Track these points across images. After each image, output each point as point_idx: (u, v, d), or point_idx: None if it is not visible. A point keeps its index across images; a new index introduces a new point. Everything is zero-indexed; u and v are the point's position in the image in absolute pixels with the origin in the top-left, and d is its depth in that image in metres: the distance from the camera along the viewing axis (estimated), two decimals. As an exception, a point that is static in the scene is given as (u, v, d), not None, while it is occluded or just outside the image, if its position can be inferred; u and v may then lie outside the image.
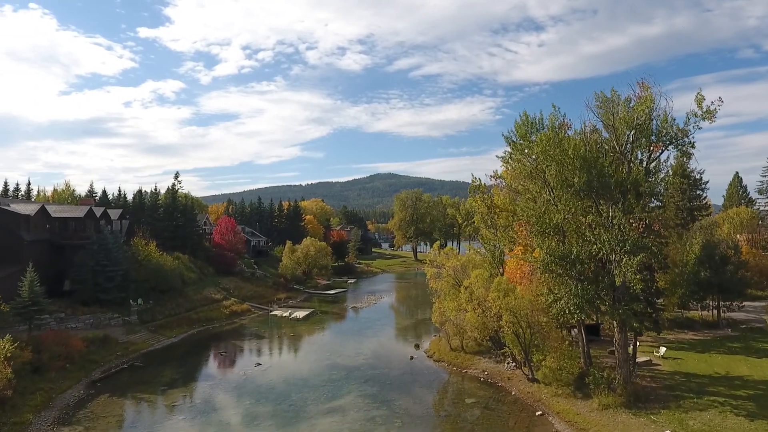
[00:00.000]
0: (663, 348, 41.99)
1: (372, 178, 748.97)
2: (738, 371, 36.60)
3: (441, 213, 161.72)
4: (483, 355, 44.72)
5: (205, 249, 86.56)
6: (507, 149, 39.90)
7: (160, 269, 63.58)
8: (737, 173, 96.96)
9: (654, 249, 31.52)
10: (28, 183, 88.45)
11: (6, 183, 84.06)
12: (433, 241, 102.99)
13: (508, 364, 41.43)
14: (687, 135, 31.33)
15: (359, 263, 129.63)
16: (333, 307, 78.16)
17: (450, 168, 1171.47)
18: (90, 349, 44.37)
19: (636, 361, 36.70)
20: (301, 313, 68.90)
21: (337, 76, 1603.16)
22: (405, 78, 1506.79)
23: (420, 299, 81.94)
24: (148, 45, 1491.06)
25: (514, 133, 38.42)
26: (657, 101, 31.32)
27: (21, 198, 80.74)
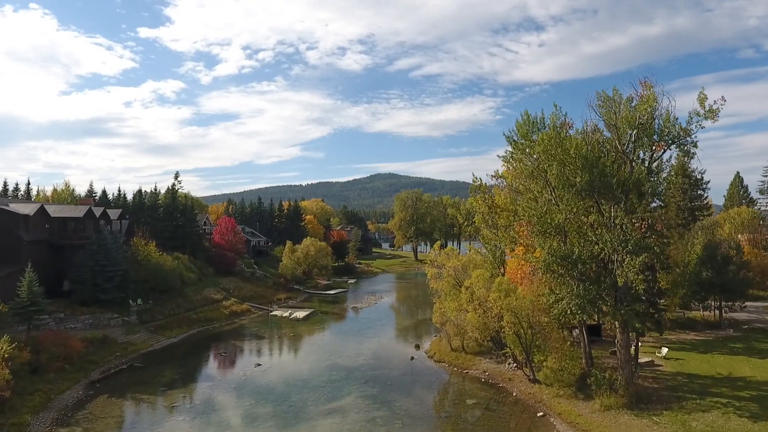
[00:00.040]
0: (665, 348, 41.76)
1: (372, 178, 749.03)
2: (740, 372, 36.38)
3: (441, 213, 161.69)
4: (484, 356, 44.54)
5: (205, 249, 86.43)
6: (508, 149, 39.74)
7: (159, 269, 63.42)
8: (738, 173, 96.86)
9: (656, 249, 31.39)
10: (27, 183, 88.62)
11: (5, 183, 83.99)
12: (434, 241, 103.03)
13: (509, 364, 41.25)
14: (690, 134, 31.15)
15: (359, 263, 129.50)
16: (333, 308, 77.99)
17: (450, 168, 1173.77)
18: (89, 350, 44.19)
19: (638, 362, 36.52)
20: (301, 314, 68.73)
21: (338, 76, 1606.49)
22: (405, 78, 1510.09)
23: (420, 299, 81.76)
24: (148, 45, 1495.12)
25: (515, 133, 38.24)
26: (659, 100, 31.14)
27: (21, 198, 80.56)
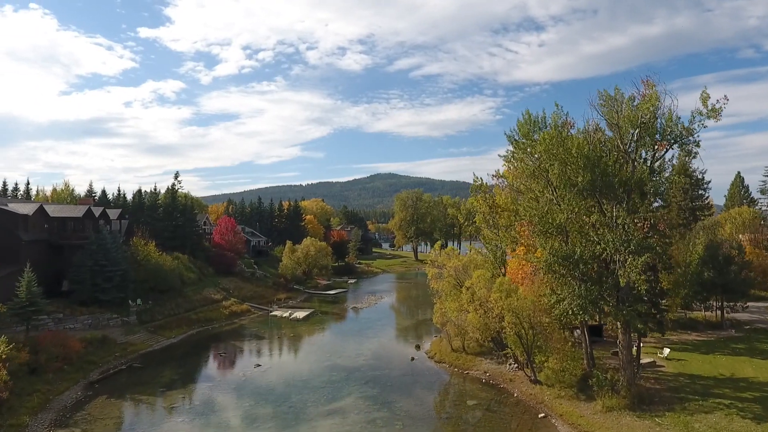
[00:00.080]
0: (667, 349, 41.56)
1: (372, 178, 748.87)
2: (743, 373, 36.18)
3: (441, 213, 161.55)
4: (485, 357, 44.34)
5: (205, 249, 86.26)
6: (509, 148, 39.53)
7: (159, 269, 63.23)
8: (739, 173, 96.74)
9: (658, 249, 31.19)
10: (27, 183, 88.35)
11: (5, 183, 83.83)
12: (434, 241, 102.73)
13: (510, 365, 41.04)
14: (692, 134, 30.96)
15: (359, 263, 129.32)
16: (333, 308, 77.79)
17: (450, 168, 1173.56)
18: (88, 350, 44.00)
19: (640, 363, 36.28)
20: (301, 314, 68.54)
21: (338, 76, 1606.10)
22: (405, 78, 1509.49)
23: (421, 299, 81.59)
24: (148, 45, 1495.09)
25: (516, 132, 38.03)
26: (662, 99, 30.93)
27: (20, 198, 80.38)
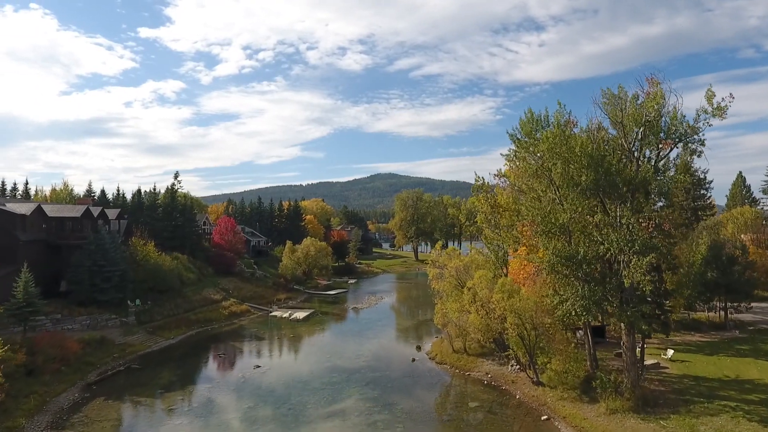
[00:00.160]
0: (670, 350, 41.15)
1: (372, 178, 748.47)
2: (748, 374, 35.75)
3: (442, 213, 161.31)
4: (486, 358, 43.94)
5: (205, 249, 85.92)
6: (511, 147, 39.09)
7: (158, 269, 62.88)
8: (741, 173, 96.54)
9: (663, 249, 30.78)
10: (26, 183, 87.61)
11: (3, 182, 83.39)
12: (434, 241, 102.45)
13: (512, 366, 40.63)
14: (697, 132, 30.54)
15: (360, 263, 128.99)
16: (333, 308, 77.41)
17: (450, 168, 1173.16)
18: (86, 351, 43.66)
19: (644, 364, 35.87)
20: (301, 314, 68.16)
21: (338, 76, 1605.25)
22: (405, 78, 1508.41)
23: (421, 300, 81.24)
24: (148, 45, 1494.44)
25: (519, 131, 37.58)
26: (666, 97, 30.52)
27: (19, 198, 79.98)
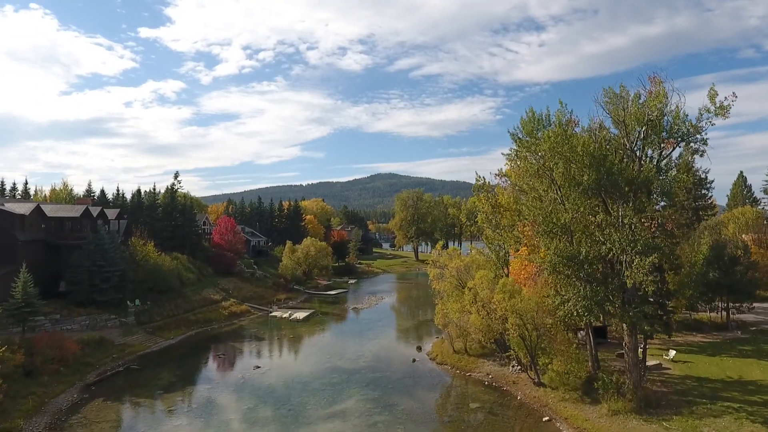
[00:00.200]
0: (672, 351, 40.93)
1: (372, 178, 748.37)
2: (751, 375, 35.54)
3: (442, 213, 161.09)
4: (487, 358, 43.73)
5: (205, 249, 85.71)
6: (513, 147, 38.91)
7: (158, 270, 62.69)
8: (742, 173, 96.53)
9: (666, 249, 30.56)
10: (25, 183, 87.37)
11: (3, 182, 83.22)
12: (435, 242, 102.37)
13: (513, 367, 40.43)
14: (700, 131, 30.34)
15: (360, 263, 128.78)
16: (333, 308, 77.22)
17: (450, 168, 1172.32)
18: (85, 352, 43.49)
19: (646, 365, 35.68)
20: (301, 314, 67.96)
21: (338, 76, 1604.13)
22: (405, 78, 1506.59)
23: (421, 300, 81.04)
24: (148, 45, 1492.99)
25: (520, 130, 37.41)
26: (669, 97, 30.32)
27: (19, 198, 79.80)
